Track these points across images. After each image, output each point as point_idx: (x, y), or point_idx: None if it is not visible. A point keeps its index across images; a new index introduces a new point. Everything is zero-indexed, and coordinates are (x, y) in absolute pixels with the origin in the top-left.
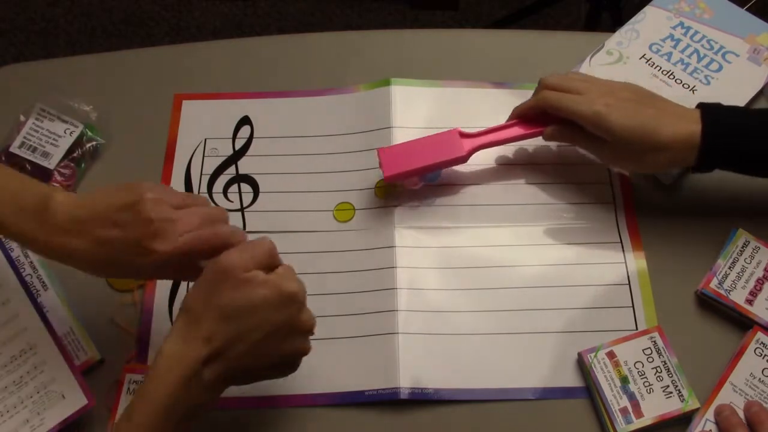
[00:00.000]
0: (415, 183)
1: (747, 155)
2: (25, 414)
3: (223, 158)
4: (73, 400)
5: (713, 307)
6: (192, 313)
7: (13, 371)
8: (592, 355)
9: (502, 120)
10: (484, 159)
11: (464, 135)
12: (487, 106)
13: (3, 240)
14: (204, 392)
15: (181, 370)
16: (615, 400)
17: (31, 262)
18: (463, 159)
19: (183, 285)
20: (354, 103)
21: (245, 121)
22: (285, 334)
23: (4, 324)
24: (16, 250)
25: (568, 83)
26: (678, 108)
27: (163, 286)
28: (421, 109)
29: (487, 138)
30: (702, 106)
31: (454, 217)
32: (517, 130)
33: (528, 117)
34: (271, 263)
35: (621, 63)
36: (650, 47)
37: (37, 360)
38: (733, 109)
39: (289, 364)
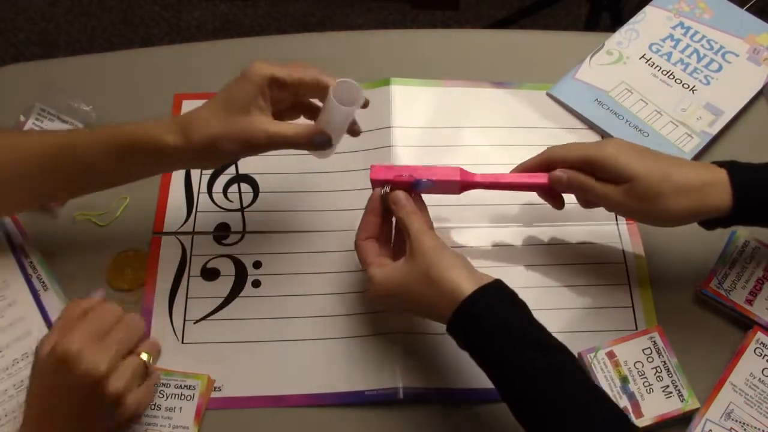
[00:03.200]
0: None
1: None
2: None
3: None
4: None
5: (713, 307)
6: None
7: (15, 374)
8: (592, 355)
9: (501, 118)
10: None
11: (465, 173)
12: (487, 106)
13: (12, 239)
14: None
15: None
16: (615, 399)
17: (31, 262)
18: (456, 186)
19: (183, 285)
20: None
21: None
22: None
23: (9, 326)
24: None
25: (574, 143)
26: (691, 161)
27: (163, 286)
28: (421, 109)
29: (486, 179)
30: (715, 162)
31: (455, 218)
32: (520, 176)
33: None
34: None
35: (621, 63)
36: (650, 47)
37: None
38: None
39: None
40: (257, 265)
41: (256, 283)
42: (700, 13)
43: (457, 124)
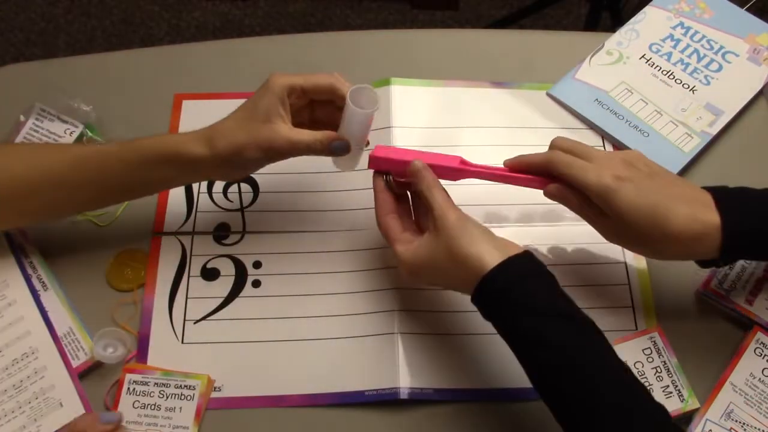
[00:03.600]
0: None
1: None
2: (22, 419)
3: None
4: (71, 409)
5: (713, 307)
6: None
7: (14, 375)
8: None
9: (501, 119)
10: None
11: (465, 162)
12: (487, 106)
13: (12, 238)
14: None
15: None
16: None
17: (31, 262)
18: (455, 173)
19: (183, 285)
20: None
21: None
22: None
23: (8, 326)
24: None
25: (580, 147)
26: (688, 188)
27: (163, 286)
28: (421, 109)
29: (485, 169)
30: (711, 190)
31: None
32: (519, 177)
33: (530, 171)
34: None
35: (621, 63)
36: (650, 47)
37: (38, 365)
38: (743, 190)
39: None
40: (257, 265)
41: (256, 283)
42: (700, 13)
43: (457, 124)
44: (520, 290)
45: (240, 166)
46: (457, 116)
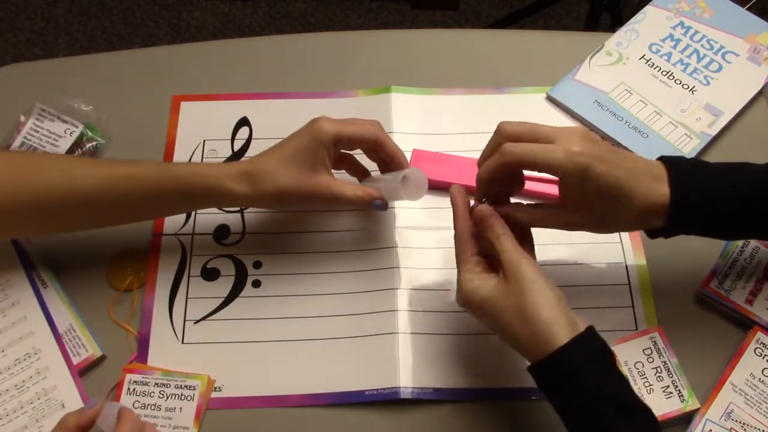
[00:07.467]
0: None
1: (717, 214)
2: (23, 420)
3: (222, 159)
4: (73, 410)
5: (713, 307)
6: None
7: (16, 375)
8: None
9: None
10: None
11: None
12: (487, 112)
13: (18, 239)
14: None
15: None
16: None
17: (32, 262)
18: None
19: (183, 285)
20: (354, 107)
21: (244, 122)
22: None
23: (12, 325)
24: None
25: (532, 129)
26: (641, 162)
27: (163, 287)
28: (421, 116)
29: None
30: (665, 162)
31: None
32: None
33: (497, 175)
34: None
35: (621, 63)
36: (650, 47)
37: (40, 365)
38: (698, 164)
39: None
40: (257, 265)
41: (256, 283)
42: (701, 13)
43: (457, 131)
44: (591, 376)
45: (279, 206)
46: (457, 123)
